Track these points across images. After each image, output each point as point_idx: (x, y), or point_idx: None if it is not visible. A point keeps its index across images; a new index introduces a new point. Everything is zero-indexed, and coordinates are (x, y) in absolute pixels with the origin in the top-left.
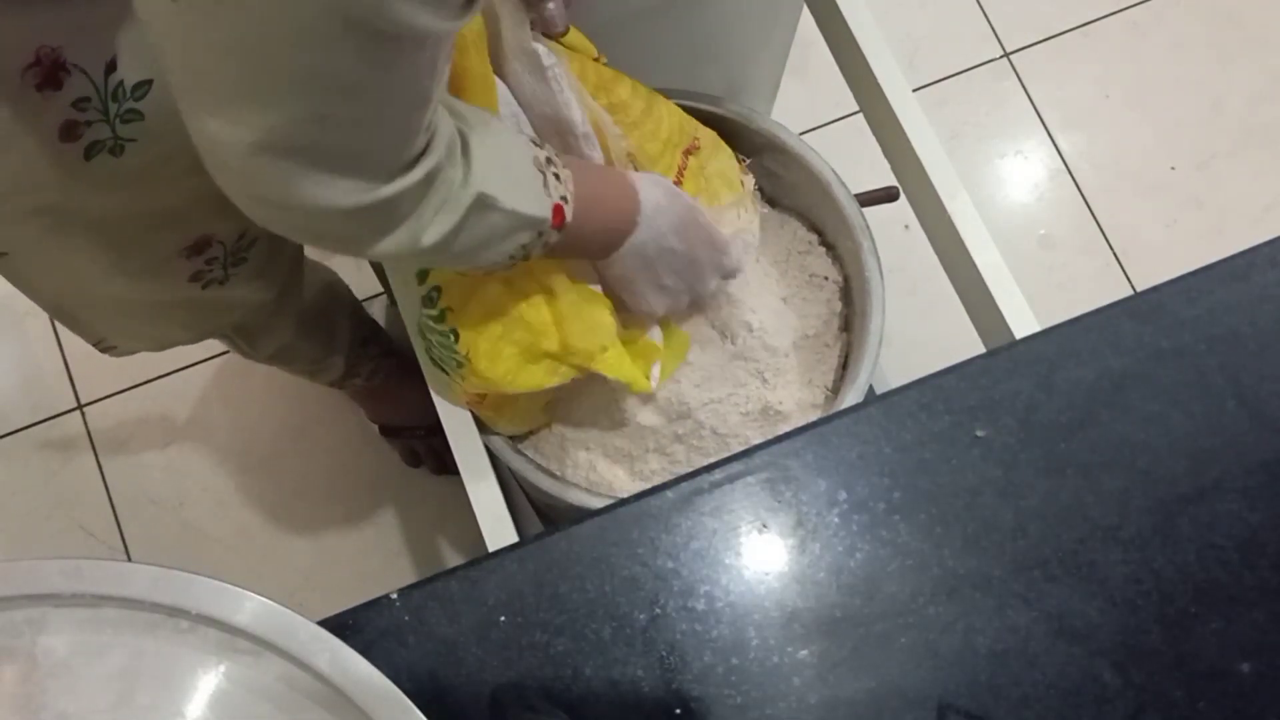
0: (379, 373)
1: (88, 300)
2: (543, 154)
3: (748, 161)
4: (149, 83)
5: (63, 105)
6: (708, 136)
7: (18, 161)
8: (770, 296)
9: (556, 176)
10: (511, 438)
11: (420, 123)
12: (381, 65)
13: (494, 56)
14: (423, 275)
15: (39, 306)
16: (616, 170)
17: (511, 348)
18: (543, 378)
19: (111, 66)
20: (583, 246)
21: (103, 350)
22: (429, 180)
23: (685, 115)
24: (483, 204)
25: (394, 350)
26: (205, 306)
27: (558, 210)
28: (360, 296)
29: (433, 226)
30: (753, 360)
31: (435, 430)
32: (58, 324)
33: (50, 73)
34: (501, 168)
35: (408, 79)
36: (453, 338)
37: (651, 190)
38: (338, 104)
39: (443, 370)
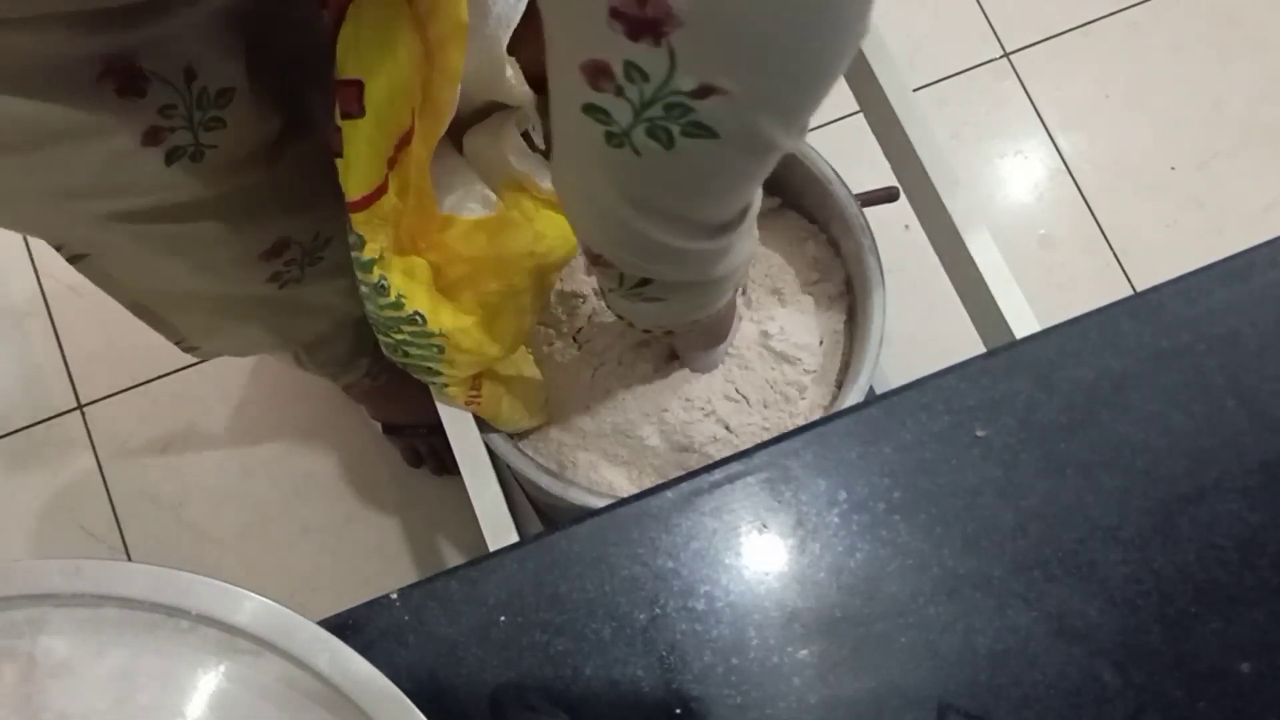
0: (383, 371)
1: (168, 299)
2: None
3: None
4: (232, 90)
5: (149, 112)
6: None
7: (97, 163)
8: (786, 309)
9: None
10: (512, 436)
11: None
12: (756, 175)
13: None
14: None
15: (119, 303)
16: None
17: (475, 304)
18: (516, 318)
19: (191, 75)
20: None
21: (185, 350)
22: (732, 239)
23: None
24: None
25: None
26: (286, 307)
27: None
28: None
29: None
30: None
31: (437, 429)
32: (58, 324)
33: (127, 79)
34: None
35: (761, 175)
36: (421, 320)
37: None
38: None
39: (431, 370)
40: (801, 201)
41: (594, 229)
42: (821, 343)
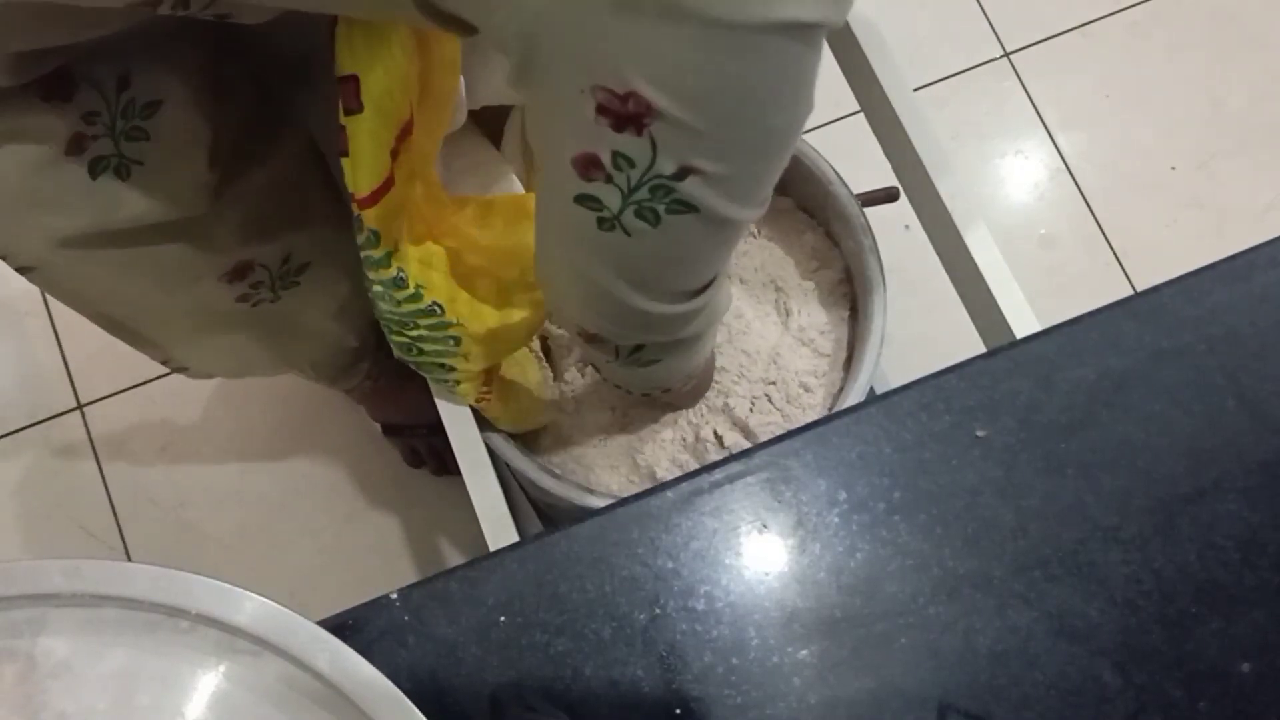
0: (384, 373)
1: (139, 314)
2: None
3: None
4: (159, 103)
5: (73, 118)
6: None
7: (17, 170)
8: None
9: None
10: (512, 437)
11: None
12: (731, 243)
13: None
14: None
15: (87, 319)
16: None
17: (490, 292)
18: (525, 310)
19: (124, 84)
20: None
21: (175, 369)
22: (713, 294)
23: None
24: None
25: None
26: (268, 327)
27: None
28: None
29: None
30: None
31: (437, 429)
32: (58, 324)
33: (55, 83)
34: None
35: (724, 250)
36: (439, 311)
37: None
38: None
39: (444, 367)
40: (802, 201)
41: (585, 309)
42: (827, 332)
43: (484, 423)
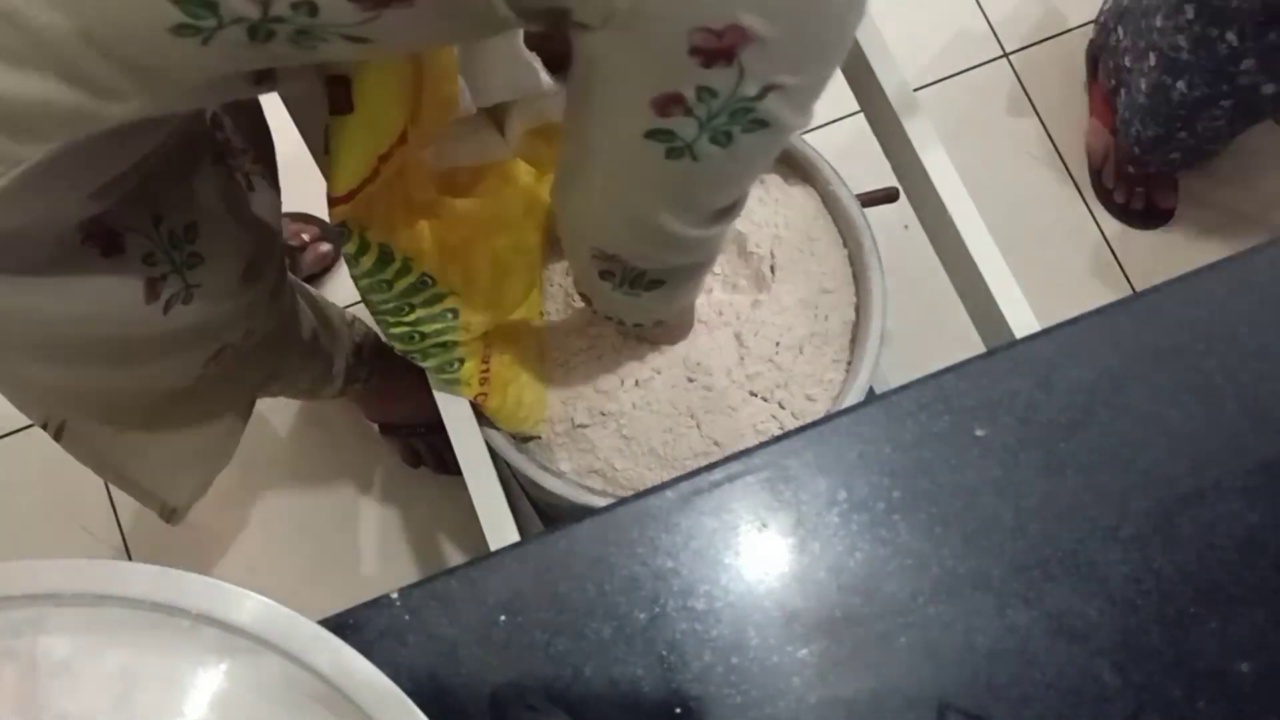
0: (375, 374)
1: (132, 454)
2: None
3: None
4: (195, 225)
5: (135, 264)
6: None
7: (103, 321)
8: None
9: None
10: (513, 436)
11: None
12: (775, 154)
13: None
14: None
15: (104, 479)
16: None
17: (484, 263)
18: (526, 278)
19: (157, 219)
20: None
21: (168, 518)
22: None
23: None
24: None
25: (386, 349)
26: (232, 380)
27: None
28: (344, 304)
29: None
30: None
31: (435, 428)
32: None
33: (108, 239)
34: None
35: (770, 163)
36: (430, 282)
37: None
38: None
39: (445, 347)
40: None
41: (616, 234)
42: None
43: (484, 420)
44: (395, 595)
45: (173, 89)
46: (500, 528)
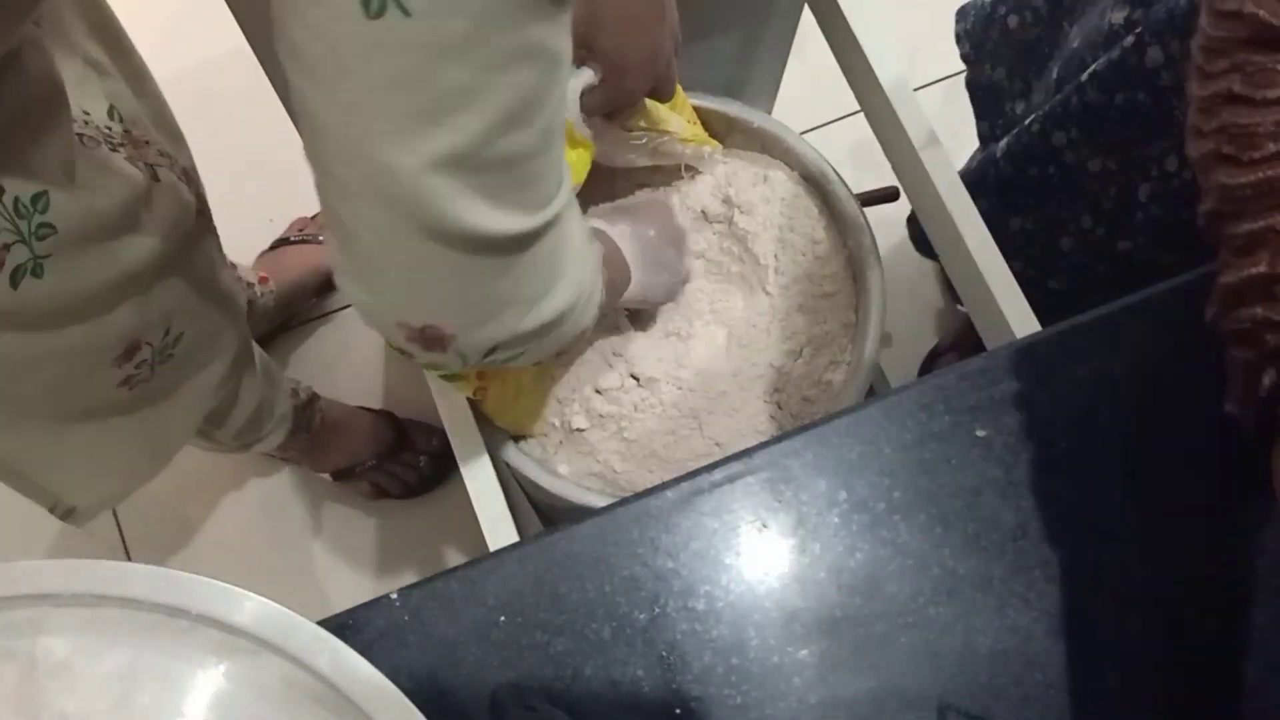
0: (316, 416)
1: (28, 445)
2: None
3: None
4: (44, 194)
5: None
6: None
7: None
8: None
9: None
10: (512, 436)
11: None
12: (548, 86)
13: None
14: None
15: None
16: (594, 228)
17: None
18: None
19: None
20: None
21: (61, 516)
22: (558, 220)
23: None
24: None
25: (315, 395)
26: (149, 403)
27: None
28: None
29: (559, 279)
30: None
31: (386, 454)
32: None
33: None
34: (582, 232)
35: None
36: None
37: (629, 242)
38: (511, 124)
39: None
40: None
41: (407, 275)
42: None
43: (484, 420)
44: (395, 595)
45: None
46: (500, 528)
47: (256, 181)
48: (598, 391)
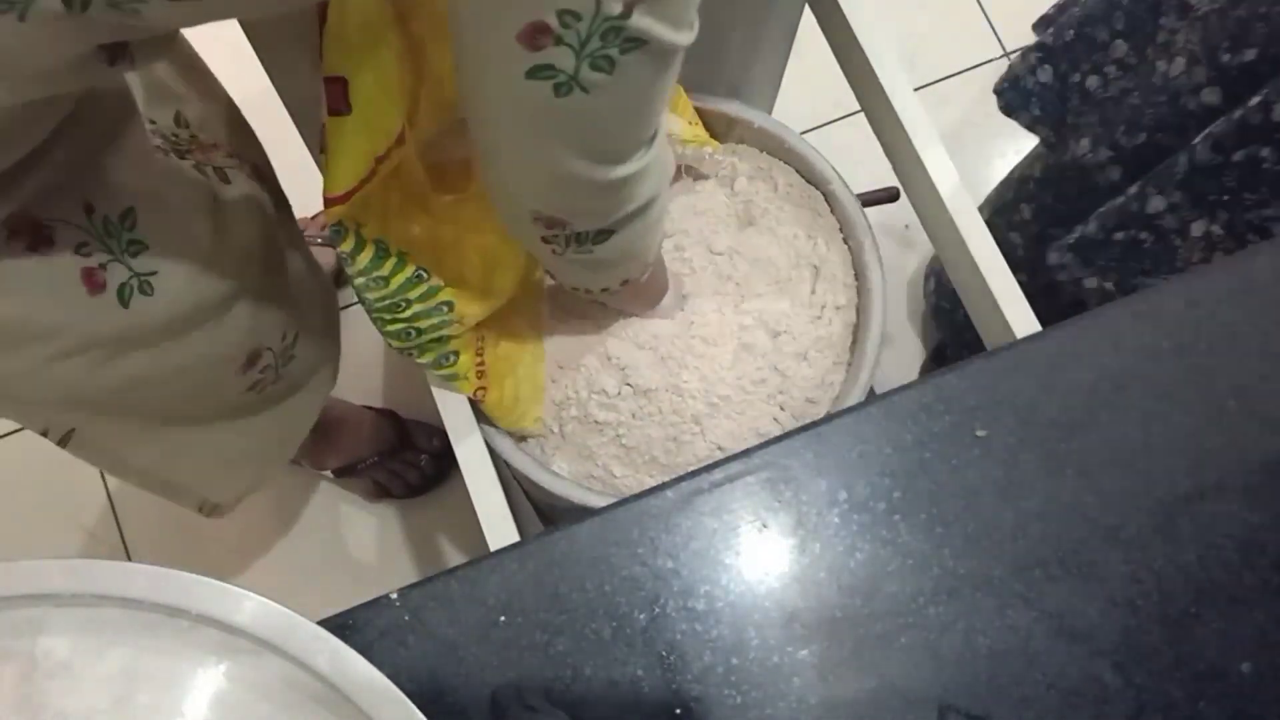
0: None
1: (165, 452)
2: None
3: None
4: (131, 210)
5: (68, 255)
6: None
7: (50, 320)
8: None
9: None
10: (512, 436)
11: (658, 119)
12: (670, 78)
13: None
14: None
15: (130, 483)
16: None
17: (475, 256)
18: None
19: (89, 209)
20: (626, 298)
21: (208, 514)
22: (659, 149)
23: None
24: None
25: None
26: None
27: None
28: None
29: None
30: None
31: (388, 452)
32: None
33: (34, 233)
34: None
35: (668, 86)
36: (425, 275)
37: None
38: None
39: (442, 341)
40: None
41: (543, 193)
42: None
43: (484, 419)
44: (395, 595)
45: (18, 73)
46: (500, 528)
47: None
48: (594, 395)
